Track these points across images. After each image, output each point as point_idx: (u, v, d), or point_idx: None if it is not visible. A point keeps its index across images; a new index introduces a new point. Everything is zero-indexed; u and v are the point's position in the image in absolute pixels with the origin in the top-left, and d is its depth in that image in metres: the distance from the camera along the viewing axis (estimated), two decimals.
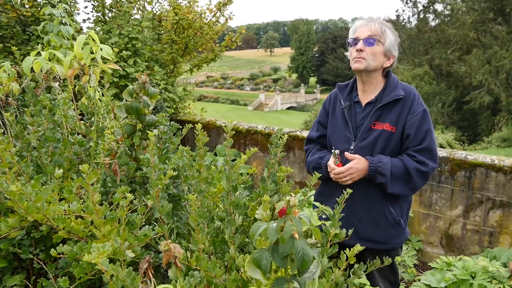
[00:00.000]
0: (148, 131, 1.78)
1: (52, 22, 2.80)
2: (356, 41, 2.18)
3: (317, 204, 2.03)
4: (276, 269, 1.03)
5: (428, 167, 2.13)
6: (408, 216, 2.35)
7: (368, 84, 2.24)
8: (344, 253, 1.58)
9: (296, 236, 0.95)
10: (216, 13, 8.05)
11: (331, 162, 2.22)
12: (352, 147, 2.23)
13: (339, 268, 1.57)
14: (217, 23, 8.14)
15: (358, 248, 1.56)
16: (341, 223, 2.18)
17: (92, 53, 2.52)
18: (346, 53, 2.34)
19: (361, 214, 2.22)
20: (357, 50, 2.16)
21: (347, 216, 2.21)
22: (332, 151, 2.21)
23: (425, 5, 33.95)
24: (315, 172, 1.91)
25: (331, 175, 2.20)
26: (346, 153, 2.19)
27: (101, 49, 2.55)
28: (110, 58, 2.56)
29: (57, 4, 2.85)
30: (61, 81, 2.49)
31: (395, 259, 2.39)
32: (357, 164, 2.14)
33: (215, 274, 1.36)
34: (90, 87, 2.47)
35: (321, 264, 1.08)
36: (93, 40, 2.52)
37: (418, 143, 2.14)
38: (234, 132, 1.74)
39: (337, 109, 2.35)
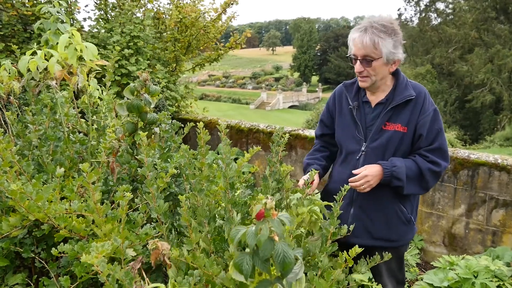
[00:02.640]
0: (141, 132, 1.76)
1: (48, 20, 2.77)
2: (355, 58, 2.12)
3: (317, 198, 2.01)
4: (261, 272, 1.01)
5: (440, 167, 2.12)
6: (417, 212, 2.36)
7: (377, 88, 2.20)
8: (347, 253, 1.57)
9: (276, 238, 0.93)
10: (221, 13, 8.04)
11: (302, 180, 2.09)
12: (363, 148, 2.20)
13: (345, 267, 1.56)
14: (219, 21, 8.13)
15: (357, 250, 1.55)
16: (353, 222, 2.20)
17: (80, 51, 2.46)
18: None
19: (373, 214, 2.21)
20: (357, 71, 2.13)
21: (359, 216, 2.21)
22: (311, 171, 1.95)
23: (427, 3, 33.86)
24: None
25: (350, 184, 2.12)
26: (354, 170, 2.16)
27: (86, 47, 2.48)
28: (95, 58, 2.50)
29: (53, 1, 2.81)
30: (58, 80, 2.47)
31: (403, 256, 2.41)
32: (371, 171, 2.10)
33: (212, 272, 1.35)
34: (78, 86, 2.42)
35: (303, 265, 1.05)
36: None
37: (430, 143, 2.12)
38: (228, 130, 1.74)
39: (344, 108, 2.31)
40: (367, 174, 2.09)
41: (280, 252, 0.92)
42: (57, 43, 2.44)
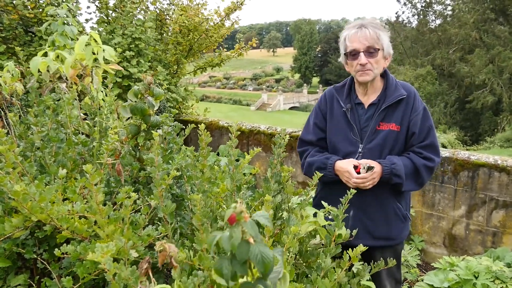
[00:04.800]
0: (152, 131, 1.78)
1: (56, 22, 2.80)
2: (355, 53, 2.14)
3: (324, 204, 2.02)
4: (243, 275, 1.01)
5: (434, 162, 2.19)
6: (410, 209, 2.41)
7: (370, 88, 2.24)
8: (347, 253, 1.58)
9: (251, 240, 0.92)
10: (224, 18, 8.04)
11: (352, 170, 2.14)
12: (360, 150, 2.22)
13: (342, 269, 1.56)
14: (222, 26, 8.13)
15: (361, 248, 1.55)
16: (353, 223, 2.21)
17: (94, 53, 2.50)
18: (339, 60, 2.30)
19: (373, 215, 2.24)
20: (361, 64, 2.13)
21: (360, 218, 2.24)
22: (363, 166, 2.13)
23: (423, 5, 33.85)
24: (316, 172, 1.82)
25: (352, 181, 2.14)
26: (361, 161, 2.16)
27: (103, 50, 2.52)
28: (112, 59, 2.54)
29: (62, 4, 2.85)
30: (68, 82, 2.49)
31: (400, 255, 2.45)
32: (377, 169, 2.15)
33: None
34: (94, 88, 2.46)
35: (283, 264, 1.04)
36: (95, 40, 2.50)
37: (422, 140, 2.19)
38: (239, 133, 1.75)
39: (336, 111, 2.32)
40: (375, 171, 2.13)
41: (257, 253, 0.92)
42: (64, 45, 2.47)
